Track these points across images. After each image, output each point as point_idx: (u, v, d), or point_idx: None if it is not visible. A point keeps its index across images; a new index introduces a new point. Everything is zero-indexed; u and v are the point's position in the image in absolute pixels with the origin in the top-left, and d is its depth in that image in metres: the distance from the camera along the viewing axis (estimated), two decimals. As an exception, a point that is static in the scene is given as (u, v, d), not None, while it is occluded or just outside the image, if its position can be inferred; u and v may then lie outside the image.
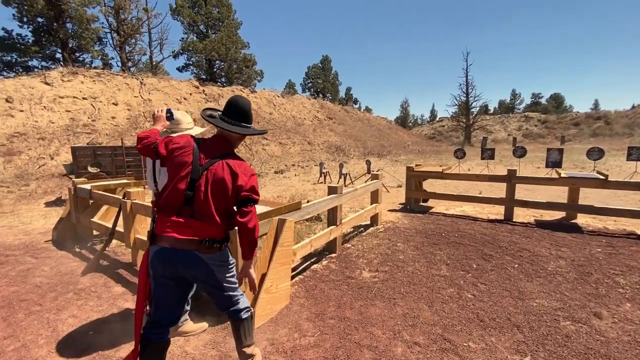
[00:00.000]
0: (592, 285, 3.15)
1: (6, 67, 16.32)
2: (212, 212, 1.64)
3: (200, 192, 1.64)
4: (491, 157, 11.01)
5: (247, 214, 1.66)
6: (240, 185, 1.66)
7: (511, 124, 49.10)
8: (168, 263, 1.63)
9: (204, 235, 1.63)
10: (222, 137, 1.81)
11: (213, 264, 1.70)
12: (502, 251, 4.07)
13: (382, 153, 21.84)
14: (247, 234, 1.69)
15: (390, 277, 3.39)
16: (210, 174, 1.65)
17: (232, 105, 1.83)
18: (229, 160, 1.70)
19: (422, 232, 4.92)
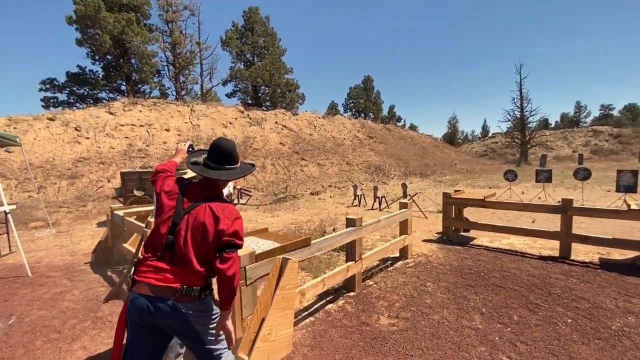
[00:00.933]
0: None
1: (79, 99, 18.84)
2: (190, 257, 1.56)
3: (180, 237, 1.58)
4: (548, 179, 9.86)
5: (228, 260, 1.55)
6: (221, 230, 1.57)
7: (576, 139, 44.44)
8: (144, 311, 1.53)
9: (182, 283, 1.54)
10: (206, 181, 1.76)
11: (191, 315, 1.58)
12: (553, 300, 3.43)
13: (426, 173, 20.86)
14: (225, 281, 1.55)
15: (412, 327, 3.00)
16: (192, 217, 1.60)
17: (214, 149, 1.79)
18: (212, 204, 1.63)
19: (457, 269, 4.39)
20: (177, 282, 1.53)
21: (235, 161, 1.81)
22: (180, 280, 1.54)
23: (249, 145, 16.47)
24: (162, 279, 1.53)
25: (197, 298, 1.57)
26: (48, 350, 2.77)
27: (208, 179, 1.75)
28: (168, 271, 1.54)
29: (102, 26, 16.51)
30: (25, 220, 7.87)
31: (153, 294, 1.52)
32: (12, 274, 4.63)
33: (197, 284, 1.57)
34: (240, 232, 1.62)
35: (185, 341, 1.68)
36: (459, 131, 76.04)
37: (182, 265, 1.55)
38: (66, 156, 11.49)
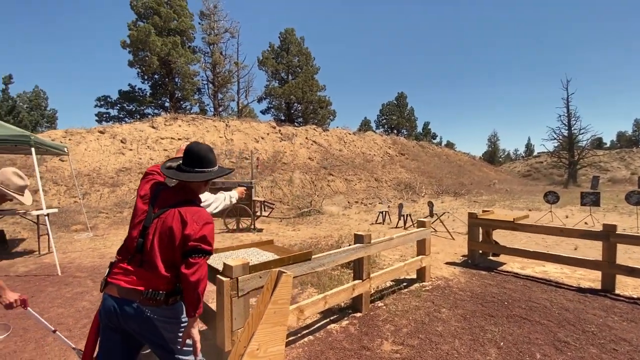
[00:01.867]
0: None
1: (128, 114, 20.60)
2: (156, 261, 1.55)
3: (148, 240, 1.58)
4: (595, 203, 8.93)
5: (193, 265, 1.52)
6: (188, 234, 1.54)
7: (635, 160, 40.47)
8: (111, 313, 1.54)
9: (148, 286, 1.53)
10: (180, 185, 1.76)
11: (157, 320, 1.56)
12: (587, 338, 3.01)
13: (460, 192, 19.90)
14: (189, 287, 1.52)
15: (416, 355, 2.76)
16: (160, 222, 1.59)
17: (186, 152, 1.77)
18: (182, 208, 1.61)
19: (478, 296, 4.04)
20: (143, 285, 1.52)
21: (208, 164, 1.77)
22: (146, 283, 1.53)
23: (278, 160, 16.82)
24: (130, 282, 1.53)
25: (163, 302, 1.55)
26: (55, 348, 2.89)
27: (182, 183, 1.74)
28: (136, 274, 1.54)
29: (151, 49, 18.14)
30: (68, 224, 8.54)
31: (120, 295, 1.52)
32: (45, 272, 4.99)
33: (163, 288, 1.55)
34: (208, 238, 1.59)
35: (154, 349, 1.64)
36: (499, 149, 72.41)
37: (149, 268, 1.55)
38: (110, 166, 12.45)
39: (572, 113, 30.16)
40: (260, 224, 9.37)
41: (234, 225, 8.82)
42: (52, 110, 30.55)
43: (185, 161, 1.75)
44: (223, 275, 2.44)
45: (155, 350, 1.66)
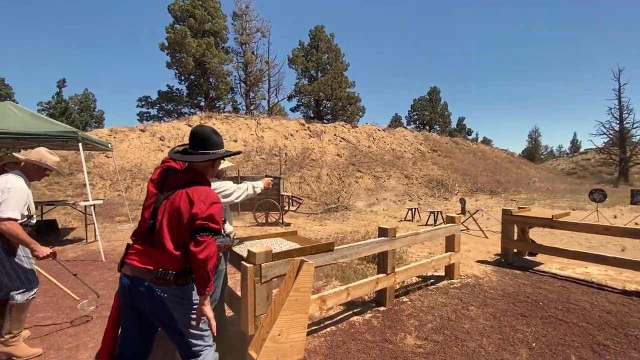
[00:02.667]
0: None
1: (166, 113, 21.76)
2: (165, 240, 1.60)
3: (157, 221, 1.64)
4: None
5: (201, 243, 1.56)
6: (195, 213, 1.59)
7: (700, 157, 36.27)
8: (126, 291, 1.64)
9: (158, 266, 1.60)
10: (188, 167, 1.81)
11: (167, 299, 1.62)
12: (629, 342, 2.78)
13: (496, 190, 18.96)
14: (198, 265, 1.56)
15: (440, 351, 2.70)
16: (169, 202, 1.65)
17: (191, 135, 1.83)
18: (190, 189, 1.66)
19: (510, 295, 3.86)
20: (153, 265, 1.59)
21: (213, 146, 1.81)
22: (156, 262, 1.60)
23: (306, 156, 16.97)
24: (141, 261, 1.61)
25: (173, 282, 1.61)
26: (97, 326, 3.15)
27: (189, 166, 1.79)
28: (147, 253, 1.63)
29: (187, 50, 18.99)
30: (112, 215, 9.22)
31: (133, 274, 1.62)
32: (91, 258, 5.43)
33: (172, 268, 1.61)
34: (215, 217, 1.62)
35: (164, 329, 1.71)
36: (541, 146, 67.93)
37: (158, 248, 1.61)
38: (150, 162, 13.23)
39: (625, 105, 27.57)
40: (288, 219, 9.53)
41: (263, 219, 9.05)
42: (100, 112, 33.03)
43: (190, 144, 1.81)
44: (247, 261, 2.53)
45: (166, 331, 1.72)
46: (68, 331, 3.06)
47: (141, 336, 1.75)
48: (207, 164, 1.82)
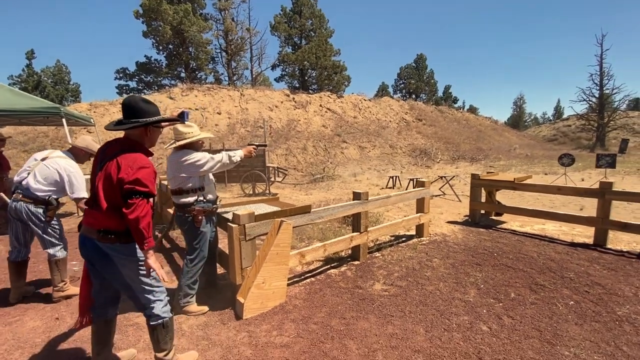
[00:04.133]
0: (675, 344, 2.32)
1: (146, 86, 21.06)
2: (101, 203, 1.78)
3: (95, 187, 1.83)
4: (611, 165, 8.77)
5: (130, 205, 1.71)
6: (121, 178, 1.73)
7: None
8: (81, 247, 1.90)
9: (100, 226, 1.81)
10: (122, 137, 1.94)
11: (115, 256, 1.83)
12: (563, 283, 3.31)
13: (477, 157, 19.60)
14: (130, 224, 1.73)
15: (402, 293, 3.16)
16: (104, 170, 1.82)
17: (122, 106, 1.95)
18: (120, 156, 1.79)
19: (470, 249, 4.35)
20: (97, 225, 1.81)
21: (142, 114, 1.89)
22: (99, 223, 1.81)
23: (292, 128, 17.02)
24: (88, 222, 1.86)
25: (116, 240, 1.81)
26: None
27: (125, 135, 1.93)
28: (92, 216, 1.85)
29: (164, 18, 18.09)
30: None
31: (83, 233, 1.88)
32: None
33: (113, 227, 1.80)
34: (143, 180, 1.74)
35: (118, 285, 1.94)
36: (525, 113, 68.91)
37: (98, 209, 1.80)
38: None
39: (606, 71, 28.06)
40: (275, 189, 9.85)
41: (250, 190, 9.34)
42: (76, 84, 31.54)
43: (123, 114, 1.93)
44: (232, 222, 2.85)
45: (117, 286, 1.96)
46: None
47: (106, 284, 1.98)
48: (140, 131, 1.91)
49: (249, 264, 2.90)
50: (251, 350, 2.32)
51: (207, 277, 3.26)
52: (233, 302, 2.91)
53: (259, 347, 2.35)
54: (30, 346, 2.44)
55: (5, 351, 2.38)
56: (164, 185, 5.45)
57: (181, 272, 2.89)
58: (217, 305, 2.94)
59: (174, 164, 2.75)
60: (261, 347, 2.35)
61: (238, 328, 2.60)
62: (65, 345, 2.45)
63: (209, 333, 2.54)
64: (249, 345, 2.37)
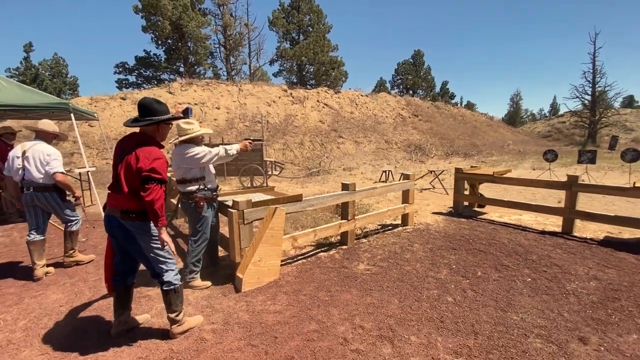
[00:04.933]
0: (606, 311, 2.74)
1: (145, 80, 21.26)
2: (123, 188, 2.16)
3: (117, 175, 2.20)
4: (591, 161, 9.20)
5: (147, 190, 2.06)
6: (140, 167, 2.08)
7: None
8: (106, 225, 2.30)
9: (122, 207, 2.18)
10: (138, 132, 2.30)
11: (135, 232, 2.21)
12: (525, 264, 3.73)
13: (471, 153, 20.04)
14: (147, 205, 2.09)
15: (382, 272, 3.57)
16: (125, 161, 2.17)
17: (138, 106, 2.31)
18: (138, 149, 2.15)
19: (449, 236, 4.76)
20: (119, 206, 2.19)
21: (155, 113, 2.26)
22: (121, 204, 2.18)
23: (289, 123, 17.33)
24: (112, 203, 2.24)
25: (136, 219, 2.18)
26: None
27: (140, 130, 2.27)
28: (115, 198, 2.23)
29: (163, 13, 18.24)
30: (103, 182, 9.67)
31: (108, 213, 2.26)
32: (92, 218, 6.04)
33: (133, 207, 2.18)
34: (157, 168, 2.09)
35: (136, 254, 2.32)
36: (522, 109, 69.37)
37: (120, 193, 2.18)
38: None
39: (598, 69, 28.44)
40: (272, 182, 10.22)
41: (248, 183, 9.71)
42: (73, 78, 31.60)
43: (139, 113, 2.29)
44: (232, 208, 3.24)
45: (136, 256, 2.35)
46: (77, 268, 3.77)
47: (127, 256, 2.39)
48: (153, 127, 2.28)
49: (247, 245, 3.30)
50: (248, 315, 2.72)
51: (210, 258, 3.66)
52: (233, 278, 3.30)
53: (255, 313, 2.75)
54: (56, 314, 2.82)
55: (35, 317, 2.77)
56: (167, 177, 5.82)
57: (187, 252, 3.28)
58: (219, 281, 3.34)
59: (178, 157, 3.12)
60: (257, 313, 2.75)
61: (237, 299, 3.01)
62: (86, 313, 2.83)
63: (212, 303, 2.94)
64: (246, 312, 2.77)
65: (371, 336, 2.43)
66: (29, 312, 2.86)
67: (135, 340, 2.39)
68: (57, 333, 2.53)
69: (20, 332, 2.55)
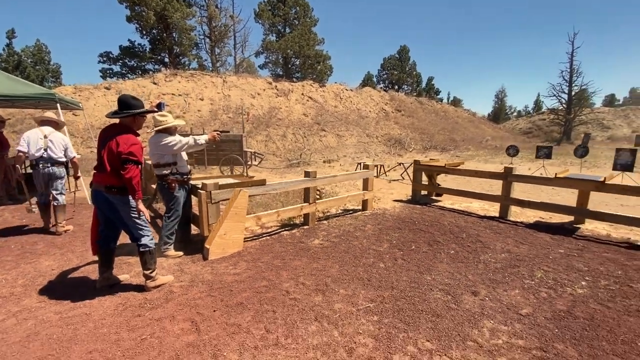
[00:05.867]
0: (504, 274, 3.40)
1: (130, 70, 21.24)
2: (107, 168, 2.66)
3: (101, 157, 2.71)
4: (548, 156, 10.03)
5: (126, 169, 2.60)
6: (120, 151, 2.60)
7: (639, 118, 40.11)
8: (93, 198, 2.84)
9: (106, 183, 2.69)
10: (118, 123, 2.81)
11: (117, 203, 2.74)
12: (455, 240, 4.40)
13: (448, 147, 20.90)
14: (125, 181, 2.63)
15: (332, 246, 4.19)
16: (107, 146, 2.68)
17: (117, 101, 2.82)
18: (118, 136, 2.67)
19: (400, 219, 5.41)
20: (103, 182, 2.70)
21: (131, 107, 2.75)
22: (105, 180, 2.69)
23: (273, 115, 17.76)
24: (97, 180, 2.77)
25: (117, 193, 2.69)
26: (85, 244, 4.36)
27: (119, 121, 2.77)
28: (100, 176, 2.74)
29: (147, 3, 18.25)
30: (88, 169, 9.99)
31: (95, 188, 2.79)
32: (79, 202, 6.46)
33: (115, 184, 2.68)
34: (134, 152, 2.62)
35: (118, 223, 2.85)
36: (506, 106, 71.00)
37: (103, 171, 2.68)
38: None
39: (575, 69, 29.66)
40: (252, 172, 10.73)
41: (229, 173, 10.20)
42: (56, 65, 31.05)
43: (118, 107, 2.80)
44: (201, 190, 3.79)
45: (118, 224, 2.87)
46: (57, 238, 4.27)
47: (109, 224, 2.92)
48: (130, 119, 2.80)
49: (214, 221, 3.86)
50: (211, 276, 3.30)
51: (183, 234, 4.20)
52: (202, 250, 3.86)
53: (218, 275, 3.33)
54: (49, 275, 3.34)
55: (31, 278, 3.28)
56: (148, 164, 6.28)
57: (162, 227, 3.82)
58: (190, 252, 3.89)
59: (153, 145, 3.65)
60: (219, 275, 3.33)
61: (204, 265, 3.58)
62: (75, 275, 3.36)
63: (183, 268, 3.50)
64: (210, 274, 3.35)
65: (309, 289, 3.05)
66: (25, 274, 3.37)
67: (116, 292, 2.95)
68: (51, 288, 3.06)
69: (20, 287, 3.07)
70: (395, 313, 2.67)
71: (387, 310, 2.71)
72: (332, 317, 2.59)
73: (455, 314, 2.66)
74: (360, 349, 2.22)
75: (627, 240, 4.42)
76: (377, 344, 2.28)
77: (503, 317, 2.62)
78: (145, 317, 2.58)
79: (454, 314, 2.66)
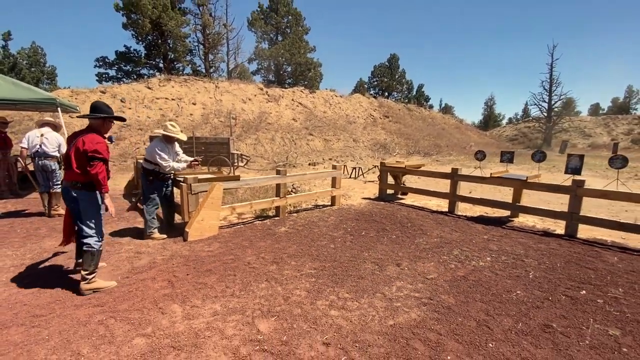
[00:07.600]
0: (428, 253, 4.17)
1: (125, 75, 21.92)
2: (72, 165, 2.90)
3: (69, 156, 2.96)
4: (510, 160, 10.89)
5: (92, 166, 2.84)
6: (85, 149, 2.83)
7: (618, 126, 41.60)
8: (63, 194, 3.13)
9: (72, 179, 2.95)
10: (87, 126, 3.07)
11: (80, 198, 2.94)
12: (400, 228, 5.17)
13: (431, 152, 21.82)
14: (92, 177, 2.88)
15: (296, 232, 4.93)
16: (74, 145, 2.92)
17: (90, 106, 3.11)
18: (84, 136, 2.91)
19: (361, 213, 6.18)
20: (70, 178, 2.96)
21: (100, 111, 3.03)
22: (71, 177, 2.95)
23: (263, 120, 18.52)
24: (66, 177, 3.04)
25: (81, 188, 2.92)
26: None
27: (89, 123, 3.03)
28: (68, 174, 3.00)
29: (143, 12, 19.01)
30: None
31: (64, 185, 3.20)
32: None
33: (81, 180, 2.92)
34: (99, 150, 2.84)
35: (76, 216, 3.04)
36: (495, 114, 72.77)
37: (70, 169, 2.94)
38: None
39: (555, 79, 31.00)
40: (239, 173, 11.46)
41: (217, 173, 10.92)
42: (52, 67, 31.54)
43: (90, 111, 3.07)
44: (183, 182, 4.52)
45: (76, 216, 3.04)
46: (74, 229, 4.95)
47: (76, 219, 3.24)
48: (99, 122, 3.05)
49: (194, 209, 4.59)
50: (188, 252, 4.02)
51: (167, 221, 4.93)
52: (183, 233, 4.58)
53: (194, 251, 4.06)
54: (52, 251, 4.04)
55: (37, 253, 3.97)
56: (140, 164, 6.98)
57: (143, 215, 4.54)
58: (173, 236, 4.61)
59: (151, 147, 4.40)
60: (195, 251, 4.06)
61: (184, 245, 4.30)
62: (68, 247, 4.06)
63: (165, 247, 4.22)
64: (188, 251, 4.08)
65: (267, 262, 3.79)
66: (32, 250, 4.06)
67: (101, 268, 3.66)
68: (55, 259, 3.77)
69: (29, 260, 3.77)
70: (329, 277, 3.42)
71: (324, 275, 3.47)
72: (279, 279, 3.34)
73: (376, 278, 3.42)
74: (294, 297, 2.97)
75: (546, 229, 5.24)
76: (308, 295, 3.03)
77: (412, 280, 3.39)
78: (132, 278, 3.30)
79: (375, 278, 3.42)
